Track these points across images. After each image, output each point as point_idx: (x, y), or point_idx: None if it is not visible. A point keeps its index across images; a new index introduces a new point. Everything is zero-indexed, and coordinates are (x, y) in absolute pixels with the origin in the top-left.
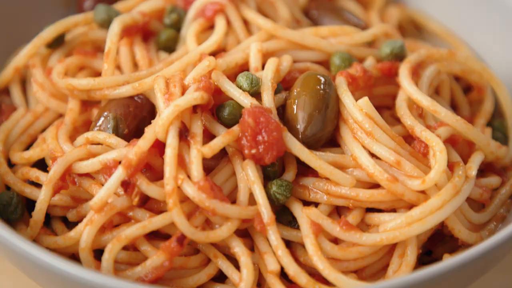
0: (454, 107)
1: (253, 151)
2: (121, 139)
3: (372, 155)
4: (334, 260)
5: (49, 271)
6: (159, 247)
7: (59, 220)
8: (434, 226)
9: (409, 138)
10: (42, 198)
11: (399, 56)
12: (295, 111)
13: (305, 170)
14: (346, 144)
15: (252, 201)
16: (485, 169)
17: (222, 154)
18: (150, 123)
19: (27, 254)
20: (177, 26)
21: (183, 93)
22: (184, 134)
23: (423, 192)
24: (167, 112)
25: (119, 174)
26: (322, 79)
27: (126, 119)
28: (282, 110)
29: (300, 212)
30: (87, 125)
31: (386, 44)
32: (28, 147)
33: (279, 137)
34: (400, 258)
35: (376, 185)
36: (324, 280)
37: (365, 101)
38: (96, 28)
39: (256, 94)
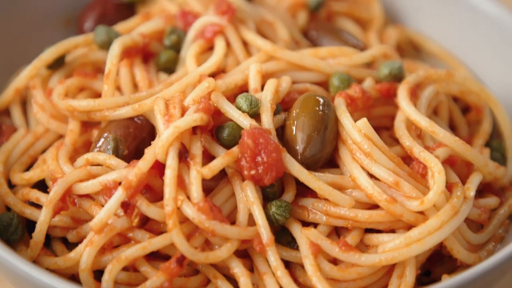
0: (452, 127)
1: (253, 172)
2: (121, 160)
3: (371, 176)
4: (333, 280)
5: None
6: (159, 268)
7: (59, 241)
8: (432, 246)
9: (407, 158)
10: (42, 219)
11: (397, 77)
12: (294, 132)
13: (304, 190)
14: (345, 165)
15: (251, 222)
16: (483, 190)
17: (222, 175)
18: (150, 144)
19: (27, 275)
20: (176, 47)
21: (182, 115)
22: (183, 155)
23: (421, 213)
24: (166, 133)
25: (119, 195)
26: (321, 100)
27: (126, 140)
28: (281, 131)
29: (299, 233)
30: (87, 146)
31: (385, 65)
32: (28, 168)
33: (278, 158)
34: (399, 278)
35: (375, 206)
36: None
37: (363, 122)
38: (96, 49)
39: (255, 115)
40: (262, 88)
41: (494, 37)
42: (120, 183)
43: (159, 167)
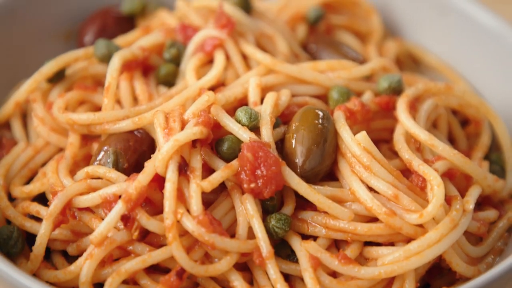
0: (451, 140)
1: (252, 185)
2: (121, 174)
3: (370, 189)
4: None
5: None
6: (158, 281)
7: (59, 254)
8: (432, 259)
9: (407, 172)
10: (43, 232)
11: (396, 90)
12: (293, 145)
13: (303, 204)
14: (344, 178)
15: (251, 235)
16: (482, 203)
17: (221, 188)
18: (150, 157)
19: None
20: (176, 60)
21: (182, 128)
22: (183, 169)
23: (421, 225)
24: (166, 146)
25: (119, 208)
26: (321, 114)
27: (126, 153)
28: (281, 144)
29: (298, 246)
30: (87, 159)
31: (384, 78)
32: (28, 181)
33: (278, 171)
34: None
35: (374, 219)
36: None
37: (363, 135)
38: (97, 62)
39: (255, 128)
40: (261, 102)
41: (493, 50)
42: (120, 197)
43: (159, 180)
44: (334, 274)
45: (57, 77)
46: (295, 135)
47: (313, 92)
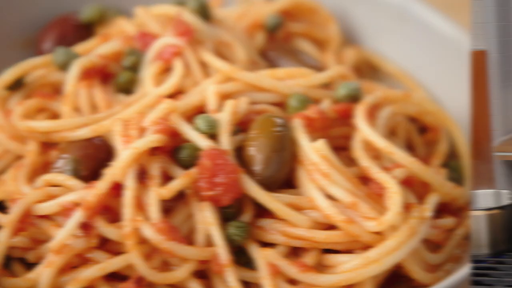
0: (410, 148)
1: (211, 193)
2: (80, 181)
3: (329, 196)
4: None
5: None
6: None
7: (19, 261)
8: (390, 267)
9: (365, 179)
10: (2, 240)
11: (355, 98)
12: (252, 153)
13: (262, 211)
14: (302, 185)
15: (210, 242)
16: (440, 210)
17: (180, 195)
18: (109, 165)
19: None
20: (135, 68)
21: (141, 136)
22: (142, 176)
23: (379, 233)
24: (125, 154)
25: (77, 216)
26: (279, 121)
27: (85, 161)
28: (240, 152)
29: (257, 253)
30: (47, 167)
31: (342, 86)
32: None
33: (236, 179)
34: None
35: (333, 226)
36: None
37: (321, 143)
38: (56, 70)
39: (213, 136)
40: (220, 109)
41: (452, 57)
42: (79, 204)
43: (118, 188)
44: (293, 282)
45: (16, 85)
46: (253, 143)
47: (271, 99)
